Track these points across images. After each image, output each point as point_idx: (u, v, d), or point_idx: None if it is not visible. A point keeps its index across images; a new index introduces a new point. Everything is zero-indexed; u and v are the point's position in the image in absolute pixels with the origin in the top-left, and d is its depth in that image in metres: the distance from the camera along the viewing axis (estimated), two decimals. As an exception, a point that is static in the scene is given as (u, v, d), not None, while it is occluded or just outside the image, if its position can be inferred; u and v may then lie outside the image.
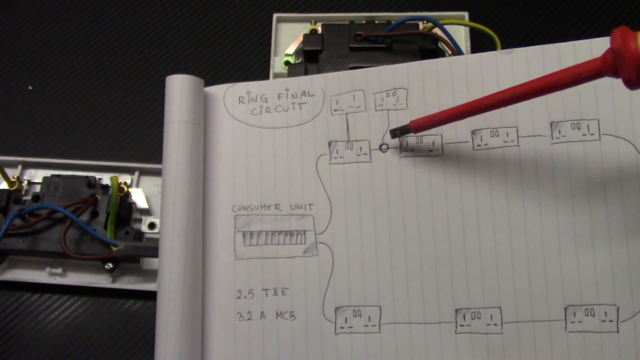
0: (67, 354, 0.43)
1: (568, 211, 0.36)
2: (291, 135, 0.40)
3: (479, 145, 0.38)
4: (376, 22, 0.46)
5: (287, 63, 0.47)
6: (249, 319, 0.37)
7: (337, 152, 0.39)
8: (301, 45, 0.46)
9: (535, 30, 0.50)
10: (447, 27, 0.45)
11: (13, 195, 0.44)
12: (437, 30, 0.45)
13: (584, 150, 0.37)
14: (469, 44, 0.47)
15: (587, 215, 0.36)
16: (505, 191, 0.37)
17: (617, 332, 0.35)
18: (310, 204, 0.38)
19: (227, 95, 0.41)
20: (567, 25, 0.49)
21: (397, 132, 0.38)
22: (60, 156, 0.47)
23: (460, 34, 0.47)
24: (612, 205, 0.36)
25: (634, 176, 0.36)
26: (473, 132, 0.38)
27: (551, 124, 0.37)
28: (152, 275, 0.44)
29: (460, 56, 0.41)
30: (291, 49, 0.48)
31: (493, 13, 0.50)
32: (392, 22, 0.45)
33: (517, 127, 0.38)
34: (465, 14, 0.47)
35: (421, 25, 0.46)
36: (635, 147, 0.37)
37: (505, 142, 0.38)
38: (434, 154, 0.38)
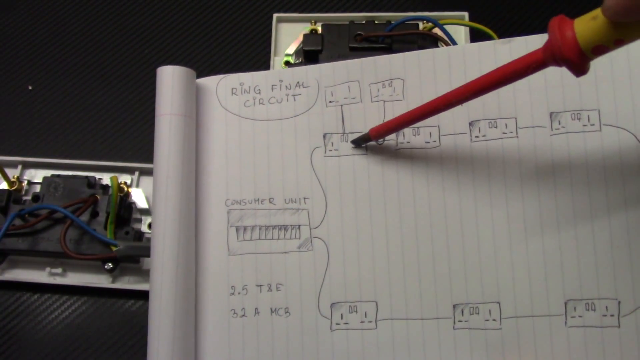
0: (67, 354, 0.43)
1: (568, 203, 0.36)
2: (285, 128, 0.39)
3: (476, 137, 0.37)
4: (376, 22, 0.46)
5: (287, 63, 0.47)
6: (243, 315, 0.37)
7: (332, 145, 0.39)
8: (301, 45, 0.46)
9: (535, 30, 0.49)
10: (447, 27, 0.44)
11: (13, 195, 0.44)
12: (437, 30, 0.45)
13: (585, 141, 0.36)
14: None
15: (588, 207, 0.36)
16: (503, 183, 0.37)
17: (619, 326, 0.35)
18: (304, 198, 0.38)
19: (220, 87, 0.40)
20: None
21: (358, 141, 0.38)
22: (60, 156, 0.47)
23: (460, 34, 0.47)
24: (613, 197, 0.35)
25: (635, 167, 0.36)
26: (471, 124, 0.37)
27: (551, 114, 0.37)
28: (152, 275, 0.43)
29: (458, 46, 0.41)
30: (291, 49, 0.48)
31: (493, 13, 0.50)
32: (392, 22, 0.45)
33: (516, 118, 0.37)
34: (465, 14, 0.47)
35: (421, 25, 0.46)
36: (636, 138, 0.36)
37: (504, 133, 0.37)
38: (431, 146, 0.38)
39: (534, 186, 0.36)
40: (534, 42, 0.37)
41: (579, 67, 0.26)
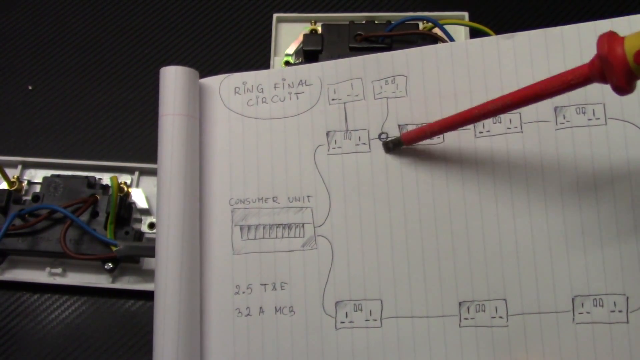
0: (67, 354, 0.43)
1: (574, 198, 0.36)
2: (288, 126, 0.39)
3: (481, 132, 0.37)
4: (376, 22, 0.46)
5: (287, 63, 0.47)
6: (248, 314, 0.37)
7: (335, 142, 0.38)
8: (301, 45, 0.46)
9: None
10: (447, 27, 0.44)
11: (13, 195, 0.44)
12: (437, 30, 0.45)
13: (590, 135, 0.36)
14: (468, 44, 0.46)
15: (594, 202, 0.35)
16: (508, 179, 0.36)
17: (627, 322, 0.34)
18: (308, 196, 0.38)
19: (223, 87, 0.40)
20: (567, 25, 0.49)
21: (389, 146, 0.37)
22: (60, 156, 0.47)
23: (460, 34, 0.47)
24: (619, 191, 0.35)
25: None
26: None
27: (555, 109, 0.37)
28: (152, 275, 0.43)
29: (461, 41, 0.41)
30: (291, 49, 0.48)
31: (493, 13, 0.50)
32: (392, 22, 0.45)
33: (520, 113, 0.37)
34: (465, 14, 0.47)
35: (421, 25, 0.46)
36: None
37: (508, 128, 0.37)
38: (435, 142, 0.37)
39: (539, 181, 0.36)
40: (537, 38, 0.37)
41: (626, 86, 0.26)
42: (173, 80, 0.39)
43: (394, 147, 0.37)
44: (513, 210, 0.36)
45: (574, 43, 0.37)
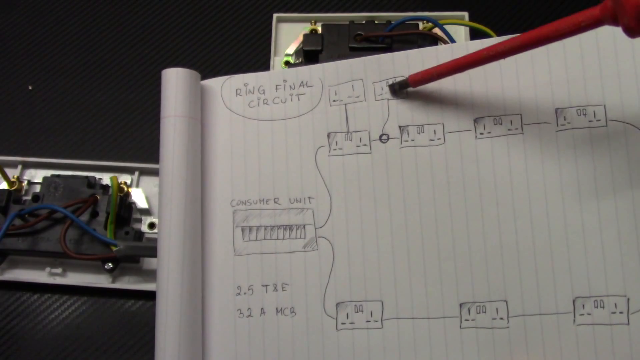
0: (67, 354, 0.43)
1: (575, 199, 0.36)
2: (289, 127, 0.39)
3: (481, 134, 0.37)
4: (376, 22, 0.46)
5: (287, 63, 0.47)
6: (249, 315, 0.37)
7: (336, 144, 0.38)
8: (301, 45, 0.46)
9: (535, 30, 0.50)
10: (447, 27, 0.44)
11: (13, 195, 0.44)
12: (437, 30, 0.45)
13: (591, 136, 0.36)
14: (468, 44, 0.46)
15: (595, 203, 0.35)
16: (509, 180, 0.36)
17: (628, 324, 0.34)
18: (309, 197, 0.38)
19: (224, 88, 0.40)
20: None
21: (395, 87, 0.37)
22: (60, 156, 0.47)
23: (460, 34, 0.47)
24: (620, 192, 0.35)
25: None
26: (475, 121, 0.37)
27: (556, 110, 0.37)
28: (152, 275, 0.43)
29: (462, 43, 0.41)
30: (291, 49, 0.48)
31: (493, 13, 0.50)
32: (392, 22, 0.45)
33: (521, 115, 0.37)
34: (465, 14, 0.47)
35: (421, 25, 0.46)
36: None
37: (509, 130, 0.37)
38: (435, 144, 0.37)
39: (540, 182, 0.36)
40: None
41: (638, 26, 0.26)
42: (174, 82, 0.39)
43: (400, 88, 0.37)
44: (514, 211, 0.36)
45: (574, 41, 0.36)
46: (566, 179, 0.36)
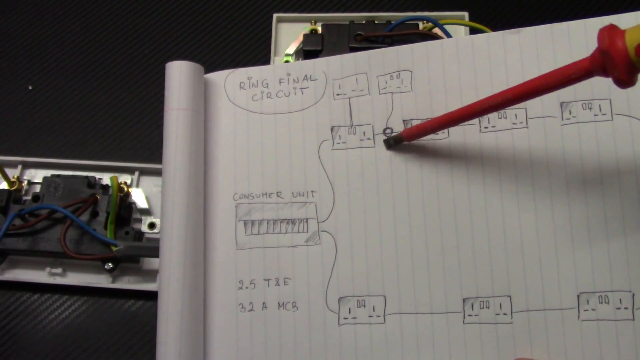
0: (67, 354, 0.43)
1: (580, 194, 0.35)
2: (293, 121, 0.39)
3: (486, 128, 0.37)
4: (376, 22, 0.46)
5: (287, 63, 0.47)
6: (251, 310, 0.36)
7: (339, 138, 0.38)
8: (301, 45, 0.46)
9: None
10: (447, 27, 0.45)
11: (13, 195, 0.44)
12: (437, 30, 0.45)
13: (596, 131, 0.36)
14: (468, 44, 0.46)
15: (600, 198, 0.35)
16: (514, 174, 0.36)
17: (633, 319, 0.34)
18: (312, 191, 0.38)
19: (228, 82, 0.40)
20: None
21: (390, 142, 0.37)
22: (60, 156, 0.47)
23: (460, 34, 0.47)
24: (625, 187, 0.35)
25: None
26: None
27: (561, 104, 0.36)
28: (152, 275, 0.43)
29: (467, 36, 0.40)
30: (291, 49, 0.48)
31: (493, 13, 0.50)
32: (392, 22, 0.45)
33: (525, 109, 0.37)
34: (465, 14, 0.47)
35: (421, 25, 0.46)
36: None
37: (513, 123, 0.37)
38: (439, 138, 0.37)
39: (544, 177, 0.36)
40: (543, 33, 0.37)
41: (628, 78, 0.26)
42: (178, 75, 0.39)
43: (394, 143, 0.37)
44: (518, 206, 0.36)
45: (580, 38, 0.37)
46: (571, 173, 0.36)
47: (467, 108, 0.33)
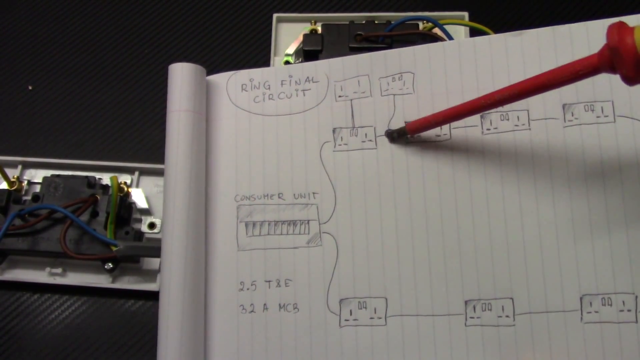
0: (67, 354, 0.43)
1: (582, 196, 0.35)
2: (294, 123, 0.39)
3: (488, 129, 0.37)
4: (376, 22, 0.46)
5: (287, 63, 0.47)
6: (252, 311, 0.36)
7: (341, 139, 0.38)
8: (301, 45, 0.46)
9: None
10: (447, 27, 0.44)
11: (13, 195, 0.44)
12: (437, 30, 0.45)
13: (598, 132, 0.36)
14: (469, 44, 0.46)
15: (603, 200, 0.35)
16: (516, 176, 0.36)
17: (636, 322, 0.34)
18: (314, 193, 0.38)
19: (230, 83, 0.40)
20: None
21: (393, 135, 0.37)
22: (60, 156, 0.47)
23: (460, 34, 0.47)
24: (628, 189, 0.35)
25: None
26: (482, 116, 0.37)
27: (564, 106, 0.36)
28: (152, 275, 0.43)
29: (469, 39, 0.40)
30: (291, 49, 0.48)
31: (493, 13, 0.50)
32: (392, 22, 0.45)
33: (528, 110, 0.37)
34: (465, 14, 0.47)
35: (421, 25, 0.46)
36: None
37: (516, 125, 0.37)
38: (441, 139, 0.37)
39: (547, 179, 0.36)
40: (545, 35, 0.37)
41: (636, 76, 0.26)
42: (180, 76, 0.39)
43: (398, 136, 0.37)
44: (520, 208, 0.36)
45: (582, 41, 0.37)
46: (573, 175, 0.36)
47: (473, 102, 0.33)
